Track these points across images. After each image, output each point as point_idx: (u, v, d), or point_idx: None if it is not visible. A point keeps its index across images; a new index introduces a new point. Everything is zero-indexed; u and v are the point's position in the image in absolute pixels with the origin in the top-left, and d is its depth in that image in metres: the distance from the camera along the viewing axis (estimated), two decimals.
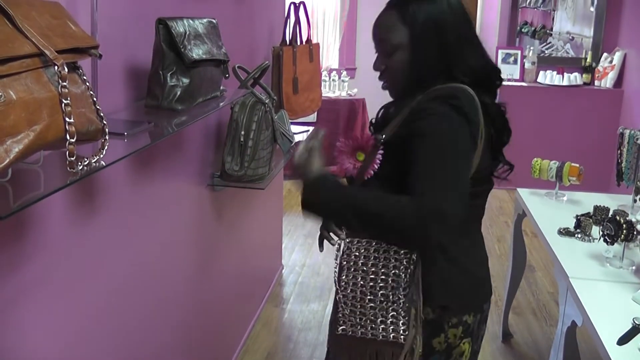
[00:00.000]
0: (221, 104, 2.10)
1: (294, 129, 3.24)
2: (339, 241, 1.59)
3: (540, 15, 6.23)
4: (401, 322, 1.53)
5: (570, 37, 5.85)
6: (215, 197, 2.66)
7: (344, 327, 1.57)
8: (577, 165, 3.07)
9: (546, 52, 5.92)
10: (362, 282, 1.54)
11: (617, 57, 5.35)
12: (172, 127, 1.74)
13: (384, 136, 1.60)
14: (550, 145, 5.20)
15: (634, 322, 1.87)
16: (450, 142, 1.49)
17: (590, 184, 3.49)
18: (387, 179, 1.58)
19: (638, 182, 2.88)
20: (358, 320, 1.55)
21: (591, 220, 2.65)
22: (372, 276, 1.54)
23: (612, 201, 2.99)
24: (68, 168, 1.12)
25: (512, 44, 6.03)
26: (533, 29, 5.96)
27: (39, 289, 1.42)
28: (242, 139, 2.31)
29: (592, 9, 5.54)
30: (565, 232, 2.63)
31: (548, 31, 5.93)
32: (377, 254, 1.55)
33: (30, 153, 1.04)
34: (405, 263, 1.52)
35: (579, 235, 2.60)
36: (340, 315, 1.57)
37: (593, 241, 2.55)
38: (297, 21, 3.49)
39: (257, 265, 3.70)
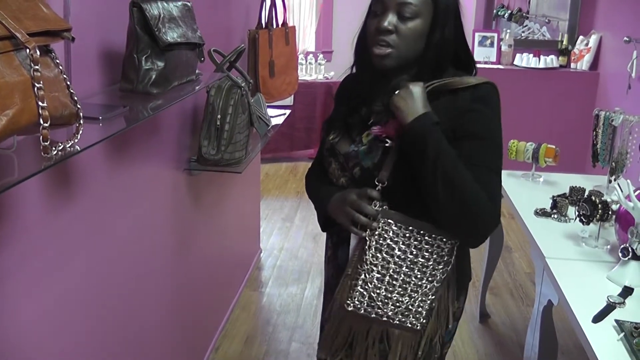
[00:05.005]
0: (197, 87, 2.08)
1: (271, 112, 3.22)
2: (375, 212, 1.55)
3: None
4: (425, 312, 1.55)
5: (547, 20, 5.87)
6: (192, 182, 2.65)
7: (357, 304, 1.54)
8: (554, 146, 3.10)
9: (523, 35, 5.93)
10: (394, 268, 1.53)
11: (593, 39, 5.38)
12: (147, 111, 1.72)
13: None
14: (527, 127, 5.22)
15: (608, 300, 1.90)
16: (500, 146, 1.60)
17: (566, 165, 3.52)
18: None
19: (613, 163, 2.91)
20: (378, 302, 1.53)
21: (567, 200, 2.67)
22: (409, 264, 1.53)
23: (587, 182, 3.02)
24: (42, 153, 1.11)
25: (488, 27, 6.04)
26: (510, 12, 5.96)
27: (15, 276, 1.41)
28: (218, 123, 2.29)
29: None
30: (541, 213, 2.66)
31: (525, 14, 5.94)
32: (417, 244, 1.54)
33: (4, 138, 1.02)
34: (446, 259, 1.55)
35: (555, 216, 2.63)
36: (358, 293, 1.54)
37: (569, 221, 2.58)
38: (273, 4, 3.46)
39: (235, 250, 3.69)
